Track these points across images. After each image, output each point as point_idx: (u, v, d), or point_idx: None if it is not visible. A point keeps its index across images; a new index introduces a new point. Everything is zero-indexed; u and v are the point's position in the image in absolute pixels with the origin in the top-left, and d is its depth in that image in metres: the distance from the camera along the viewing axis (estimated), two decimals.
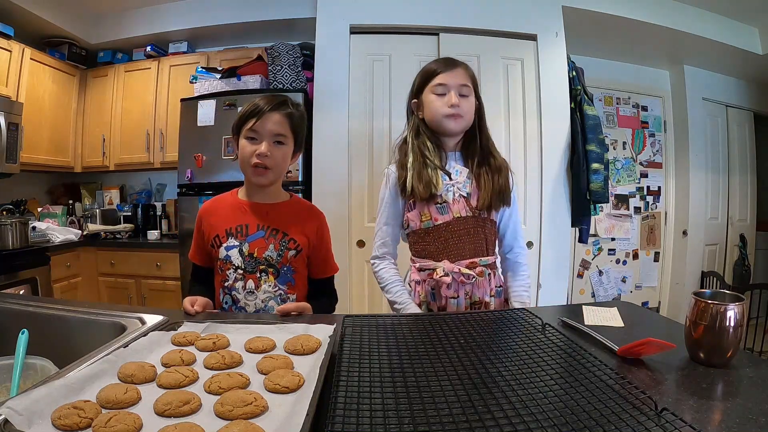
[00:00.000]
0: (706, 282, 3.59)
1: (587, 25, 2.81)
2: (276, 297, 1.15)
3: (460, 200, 1.20)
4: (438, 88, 1.19)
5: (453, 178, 1.21)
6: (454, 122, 1.19)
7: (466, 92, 1.19)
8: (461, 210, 1.20)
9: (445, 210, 1.19)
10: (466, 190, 1.21)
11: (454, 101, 1.17)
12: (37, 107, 2.93)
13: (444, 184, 1.20)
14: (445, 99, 1.18)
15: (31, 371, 0.82)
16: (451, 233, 1.19)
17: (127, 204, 3.47)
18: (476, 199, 1.20)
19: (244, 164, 1.12)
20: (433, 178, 1.18)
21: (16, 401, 0.52)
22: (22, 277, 2.45)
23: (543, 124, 2.56)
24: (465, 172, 1.22)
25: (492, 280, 1.23)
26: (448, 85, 1.18)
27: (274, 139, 1.11)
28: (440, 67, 1.21)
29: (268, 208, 1.18)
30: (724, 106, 3.76)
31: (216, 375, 0.65)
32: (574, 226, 2.67)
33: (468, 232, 1.20)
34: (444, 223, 1.19)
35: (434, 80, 1.20)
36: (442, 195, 1.19)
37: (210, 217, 1.19)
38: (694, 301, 0.74)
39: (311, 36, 2.63)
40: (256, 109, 1.10)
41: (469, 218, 1.20)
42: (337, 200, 2.50)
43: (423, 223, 1.21)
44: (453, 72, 1.19)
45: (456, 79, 1.19)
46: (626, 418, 0.53)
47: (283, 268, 1.15)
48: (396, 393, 0.61)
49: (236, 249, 1.13)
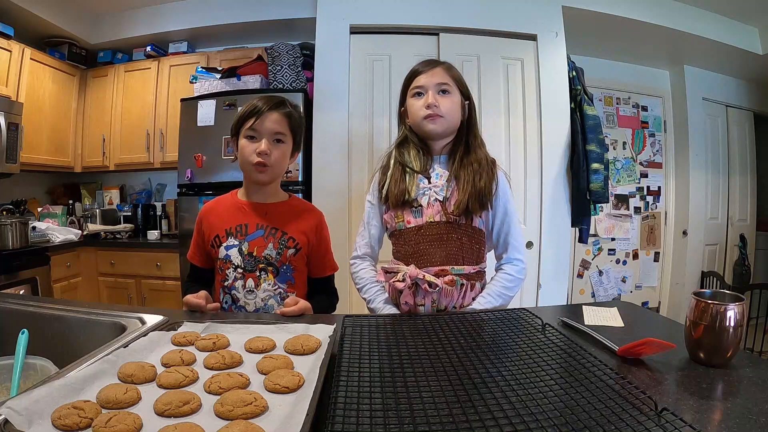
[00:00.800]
0: (706, 282, 3.59)
1: (587, 25, 2.81)
2: (276, 296, 1.16)
3: (435, 204, 1.15)
4: (416, 89, 1.17)
5: (432, 182, 1.17)
6: (433, 123, 1.14)
7: (447, 89, 1.15)
8: (434, 214, 1.14)
9: (419, 213, 1.16)
10: (443, 194, 1.15)
11: (430, 101, 1.13)
12: (37, 107, 2.93)
13: (420, 188, 1.16)
14: (422, 100, 1.15)
15: (31, 371, 0.82)
16: (422, 237, 1.14)
17: (127, 204, 3.47)
18: (453, 204, 1.14)
19: (244, 163, 1.13)
20: (409, 185, 1.15)
21: (16, 401, 0.52)
22: (22, 277, 2.45)
23: (543, 124, 2.56)
24: (445, 175, 1.17)
25: (468, 292, 1.13)
26: (425, 86, 1.15)
27: (273, 137, 1.12)
28: (419, 68, 1.18)
29: (267, 208, 1.19)
30: (724, 106, 3.76)
31: (216, 375, 0.65)
32: (574, 226, 2.67)
33: (440, 238, 1.14)
34: (416, 226, 1.15)
35: (413, 83, 1.18)
36: (417, 198, 1.15)
37: (210, 217, 1.20)
38: (694, 301, 0.74)
39: (311, 36, 2.63)
40: (255, 109, 1.11)
41: (442, 223, 1.14)
42: (337, 200, 2.50)
43: (397, 224, 1.18)
44: (430, 72, 1.16)
45: (433, 79, 1.15)
46: (626, 418, 0.53)
47: (282, 266, 1.16)
48: (396, 393, 0.61)
49: (236, 248, 1.14)
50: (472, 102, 1.22)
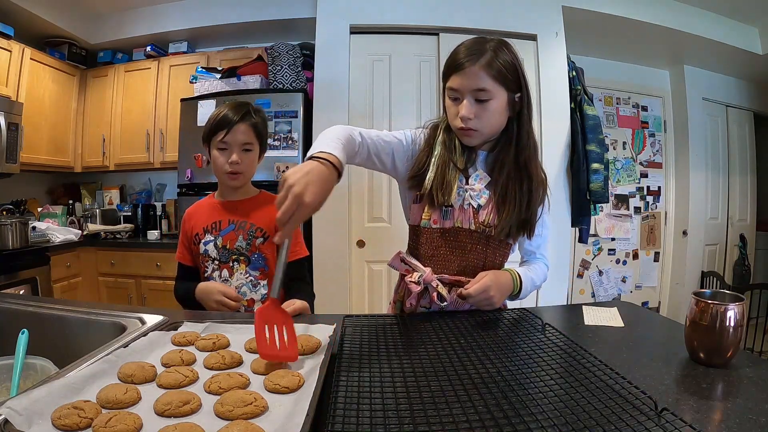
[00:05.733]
0: (706, 282, 3.59)
1: (587, 25, 2.81)
2: (248, 283, 1.26)
3: (468, 209, 1.04)
4: (451, 92, 1.01)
5: (469, 183, 1.05)
6: (467, 137, 1.01)
7: (485, 97, 0.97)
8: (464, 220, 1.04)
9: (448, 215, 1.05)
10: (479, 201, 1.04)
11: (463, 113, 0.97)
12: (37, 107, 2.93)
13: (457, 188, 1.04)
14: (456, 108, 1.00)
15: (31, 371, 0.82)
16: (445, 241, 1.06)
17: (127, 204, 3.47)
18: (486, 214, 1.04)
19: (218, 172, 1.26)
20: (451, 184, 1.02)
21: (16, 401, 0.52)
22: (22, 277, 2.45)
23: (543, 124, 2.56)
24: (485, 180, 1.05)
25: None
26: (460, 90, 0.98)
27: (242, 147, 1.24)
28: (458, 59, 0.98)
29: (237, 204, 1.30)
30: (724, 106, 3.76)
31: (216, 375, 0.65)
32: (574, 226, 2.67)
33: (462, 247, 1.05)
34: (441, 228, 1.05)
35: (448, 82, 1.01)
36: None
37: (191, 219, 1.33)
38: (694, 301, 0.74)
39: (311, 36, 2.63)
40: (225, 121, 1.21)
41: (469, 232, 1.04)
42: (337, 200, 2.50)
43: (422, 221, 1.07)
44: (465, 73, 0.96)
45: (469, 83, 0.96)
46: (626, 418, 0.53)
47: (253, 255, 1.26)
48: (396, 393, 0.61)
49: (212, 243, 1.26)
50: (526, 94, 1.03)
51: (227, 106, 1.25)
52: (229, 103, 1.26)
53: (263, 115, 1.30)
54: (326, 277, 2.48)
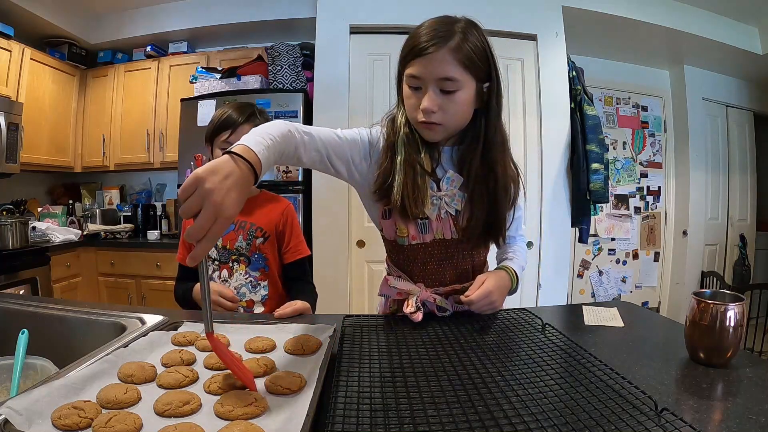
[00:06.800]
0: (706, 282, 3.59)
1: (587, 25, 2.81)
2: (247, 284, 1.24)
3: (447, 219, 0.96)
4: (411, 80, 0.87)
5: (442, 188, 0.95)
6: (429, 132, 0.90)
7: (451, 87, 0.84)
8: (445, 231, 0.96)
9: (426, 228, 0.96)
10: (455, 207, 0.95)
11: (426, 104, 0.85)
12: (37, 107, 2.93)
13: (430, 195, 0.93)
14: (417, 98, 0.88)
15: (31, 371, 0.82)
16: (430, 256, 0.98)
17: (127, 204, 3.47)
18: (465, 219, 0.96)
19: None
20: (423, 191, 0.91)
21: (16, 401, 0.52)
22: (22, 277, 2.45)
23: (543, 124, 2.56)
24: (459, 181, 0.95)
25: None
26: (422, 78, 0.85)
27: None
28: (420, 43, 0.85)
29: None
30: (724, 106, 3.76)
31: (216, 375, 0.65)
32: (574, 226, 2.67)
33: (449, 257, 0.99)
34: (421, 243, 0.97)
35: (408, 67, 0.87)
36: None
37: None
38: (694, 301, 0.74)
39: (311, 36, 2.63)
40: (230, 122, 1.19)
41: (453, 241, 0.97)
42: (337, 200, 2.50)
43: (398, 238, 0.99)
44: (429, 59, 0.83)
45: (434, 70, 0.83)
46: (626, 418, 0.53)
47: (253, 255, 1.25)
48: (396, 393, 0.61)
49: None
50: (496, 83, 0.91)
51: (231, 106, 1.23)
52: (232, 103, 1.25)
53: (267, 117, 1.29)
54: (326, 277, 2.48)
